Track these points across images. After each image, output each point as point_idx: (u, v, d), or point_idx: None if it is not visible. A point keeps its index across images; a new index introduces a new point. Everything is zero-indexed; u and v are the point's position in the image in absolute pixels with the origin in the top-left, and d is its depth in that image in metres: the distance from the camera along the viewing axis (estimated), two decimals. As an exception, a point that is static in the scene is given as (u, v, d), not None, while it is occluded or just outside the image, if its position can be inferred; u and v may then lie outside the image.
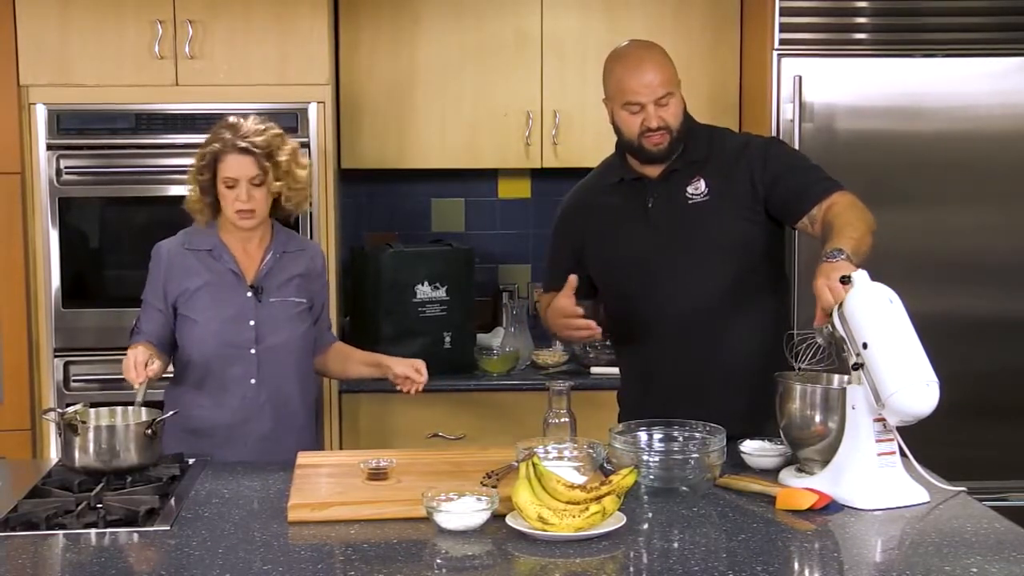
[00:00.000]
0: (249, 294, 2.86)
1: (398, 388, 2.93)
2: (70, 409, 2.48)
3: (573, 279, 2.72)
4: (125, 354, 2.68)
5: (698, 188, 2.77)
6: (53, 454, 3.67)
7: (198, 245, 2.88)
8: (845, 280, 2.35)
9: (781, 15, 3.76)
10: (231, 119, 2.87)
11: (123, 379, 2.66)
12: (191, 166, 2.86)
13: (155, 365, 2.63)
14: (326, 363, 3.09)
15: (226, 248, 2.88)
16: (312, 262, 2.99)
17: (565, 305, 2.71)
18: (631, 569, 1.98)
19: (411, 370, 2.92)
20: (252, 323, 2.84)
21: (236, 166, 2.79)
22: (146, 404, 2.59)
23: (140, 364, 2.60)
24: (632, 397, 2.93)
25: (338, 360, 3.09)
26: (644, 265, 2.80)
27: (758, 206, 2.76)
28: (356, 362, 3.08)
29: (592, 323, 2.70)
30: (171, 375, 2.93)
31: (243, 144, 2.79)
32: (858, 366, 2.27)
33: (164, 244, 2.92)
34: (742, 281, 2.76)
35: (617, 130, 2.82)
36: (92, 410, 2.58)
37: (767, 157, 2.79)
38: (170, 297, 2.86)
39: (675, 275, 2.77)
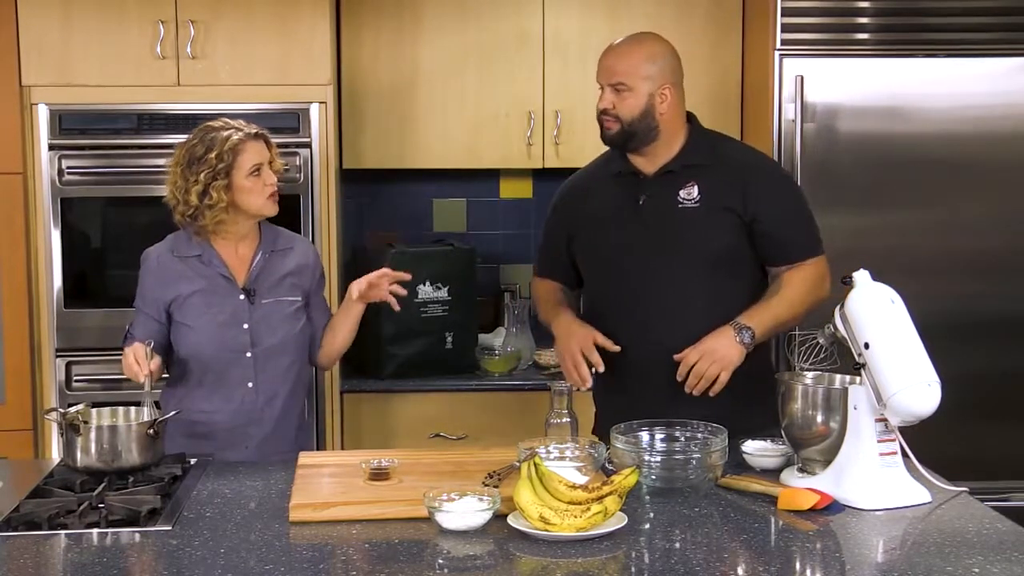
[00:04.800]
0: (242, 297, 2.85)
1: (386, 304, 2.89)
2: (72, 409, 2.48)
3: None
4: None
5: (691, 194, 2.77)
6: (55, 454, 3.67)
7: (187, 251, 2.85)
8: (846, 281, 2.36)
9: (783, 15, 3.76)
10: (212, 122, 2.84)
11: (125, 379, 2.66)
12: (203, 177, 2.75)
13: (156, 359, 2.63)
14: (332, 347, 3.01)
15: (216, 253, 2.85)
16: (303, 258, 2.96)
17: (589, 346, 2.73)
18: (633, 569, 1.98)
19: (365, 284, 2.85)
20: (246, 326, 2.83)
21: (256, 152, 2.80)
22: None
23: (142, 358, 2.60)
24: (607, 395, 2.92)
25: (329, 336, 3.00)
26: (630, 261, 2.80)
27: (745, 227, 2.77)
28: (338, 321, 2.98)
29: (589, 378, 2.73)
30: (167, 377, 2.93)
31: (254, 131, 2.83)
32: (860, 366, 2.28)
33: (152, 251, 2.90)
34: (723, 289, 2.76)
35: None
36: (94, 410, 2.58)
37: (767, 192, 2.79)
38: (163, 304, 2.84)
39: (661, 275, 2.77)
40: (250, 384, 2.84)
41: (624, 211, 2.82)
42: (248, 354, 2.83)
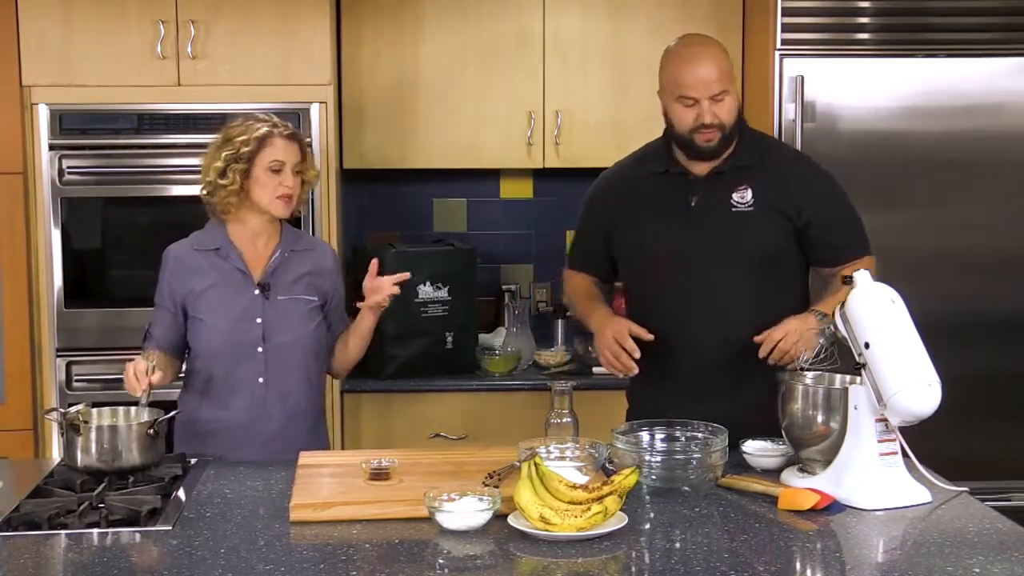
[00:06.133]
0: (256, 292, 2.85)
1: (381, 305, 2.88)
2: (72, 409, 2.48)
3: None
4: (128, 354, 2.69)
5: (744, 197, 2.75)
6: (55, 454, 3.67)
7: (205, 245, 2.88)
8: (847, 281, 2.36)
9: (783, 15, 3.76)
10: (259, 113, 2.90)
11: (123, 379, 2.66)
12: (224, 155, 2.80)
13: (156, 374, 2.62)
14: (345, 356, 3.03)
15: (233, 247, 2.87)
16: (322, 260, 2.97)
17: (623, 334, 2.70)
18: (633, 569, 1.98)
19: (370, 290, 2.86)
20: (259, 321, 2.84)
21: (283, 151, 2.82)
22: (153, 405, 2.58)
23: (141, 373, 2.60)
24: (644, 394, 2.89)
25: (342, 345, 3.02)
26: (678, 263, 2.78)
27: (795, 230, 2.76)
28: (351, 330, 3.00)
29: (634, 365, 2.69)
30: (182, 377, 2.94)
31: (289, 131, 2.85)
32: (860, 366, 2.28)
33: (172, 247, 2.93)
34: (771, 292, 2.74)
35: (668, 123, 2.79)
36: (94, 410, 2.58)
37: (820, 195, 2.79)
38: (178, 298, 2.86)
39: (709, 278, 2.75)
40: (260, 380, 2.85)
41: (673, 211, 2.79)
42: (260, 349, 2.84)
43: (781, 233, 2.76)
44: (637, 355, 2.69)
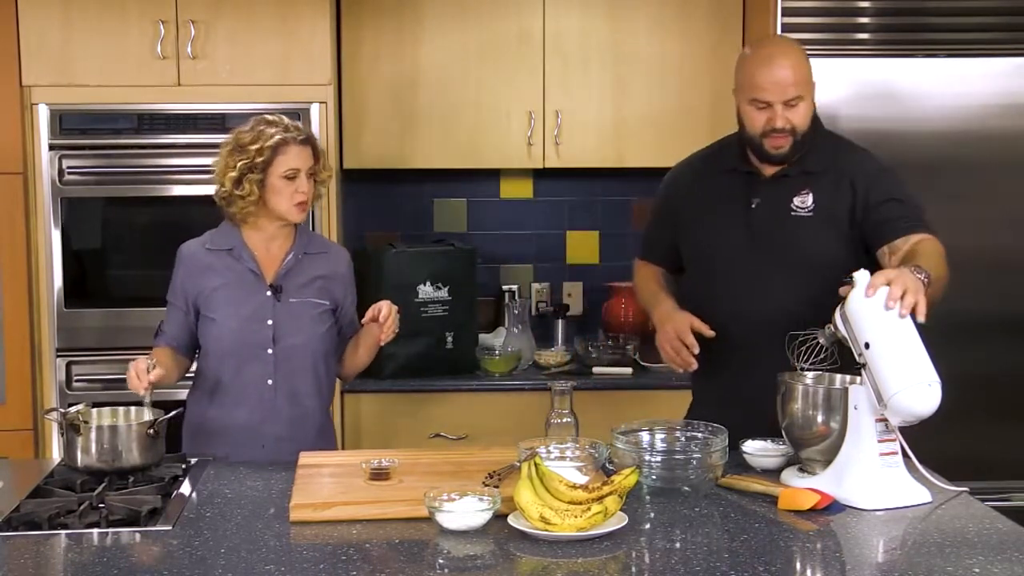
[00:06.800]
0: (268, 293, 2.85)
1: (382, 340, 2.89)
2: (72, 409, 2.48)
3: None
4: (128, 354, 2.70)
5: (805, 202, 2.73)
6: (55, 454, 3.68)
7: (219, 245, 2.88)
8: (846, 280, 2.35)
9: (783, 15, 3.77)
10: (270, 116, 2.87)
11: (125, 379, 2.66)
12: (239, 165, 2.78)
13: (157, 371, 2.62)
14: (354, 361, 3.04)
15: (247, 248, 2.87)
16: (336, 265, 2.97)
17: (684, 330, 2.69)
18: (633, 569, 1.98)
19: (371, 319, 2.85)
20: (270, 322, 2.84)
21: (297, 157, 2.81)
22: (156, 404, 2.59)
23: (142, 371, 2.60)
24: (706, 388, 2.89)
25: (351, 350, 3.04)
26: (735, 264, 2.77)
27: (855, 230, 2.72)
28: (361, 337, 3.01)
29: (693, 361, 2.69)
30: (190, 376, 2.94)
31: (303, 136, 2.84)
32: (860, 366, 2.28)
33: (186, 244, 2.93)
34: (824, 298, 2.70)
35: (740, 124, 2.77)
36: (94, 410, 2.58)
37: (876, 184, 2.74)
38: (190, 296, 2.87)
39: (763, 282, 2.74)
40: (269, 381, 2.85)
41: (735, 210, 2.79)
42: (270, 351, 2.84)
43: (838, 240, 2.73)
44: (696, 351, 2.69)
